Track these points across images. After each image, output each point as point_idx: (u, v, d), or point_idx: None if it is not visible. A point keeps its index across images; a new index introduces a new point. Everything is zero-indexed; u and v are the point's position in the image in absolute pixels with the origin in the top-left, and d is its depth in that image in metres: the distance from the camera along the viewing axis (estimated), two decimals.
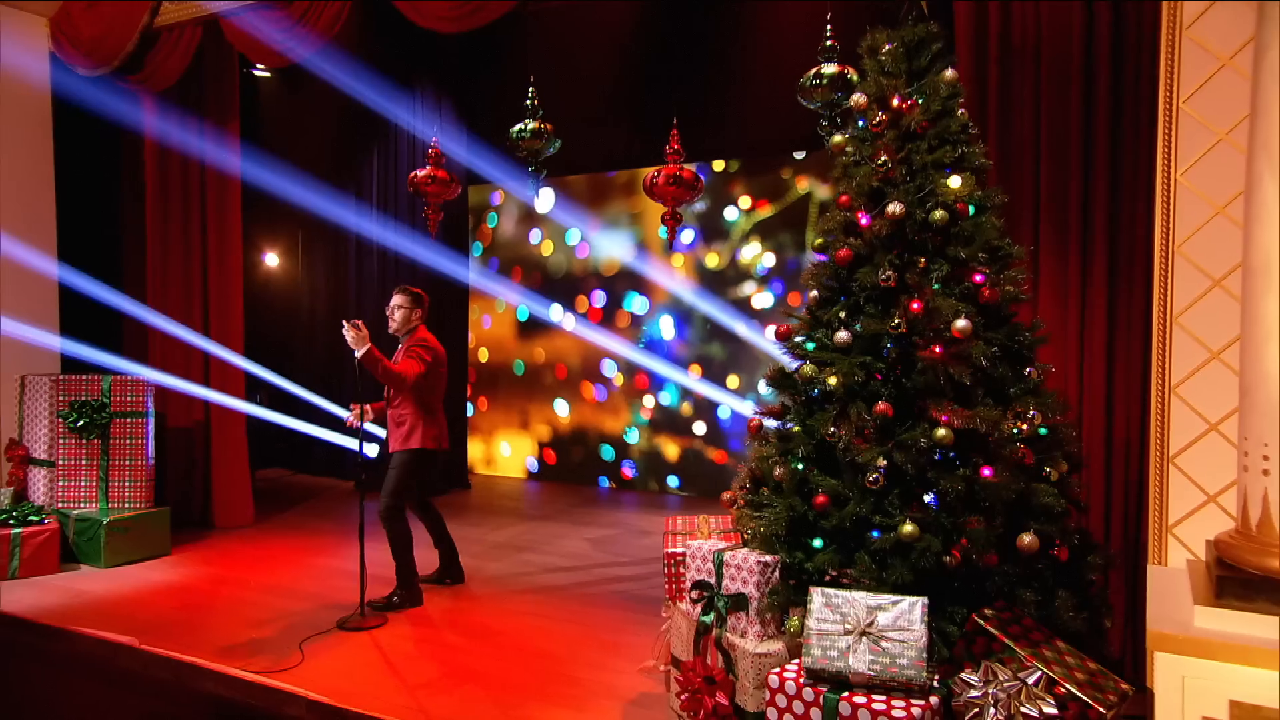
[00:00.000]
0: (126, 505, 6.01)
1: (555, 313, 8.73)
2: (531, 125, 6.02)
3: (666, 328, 8.12)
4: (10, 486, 6.03)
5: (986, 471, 3.05)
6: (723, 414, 7.85)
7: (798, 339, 3.47)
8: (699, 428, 8.02)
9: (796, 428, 3.36)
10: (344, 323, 4.69)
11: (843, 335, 3.28)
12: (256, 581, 5.48)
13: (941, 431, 3.02)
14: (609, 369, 8.46)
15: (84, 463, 5.98)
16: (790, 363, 3.48)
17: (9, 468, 6.10)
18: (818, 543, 3.20)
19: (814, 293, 3.51)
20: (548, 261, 8.79)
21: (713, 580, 3.32)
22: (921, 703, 2.67)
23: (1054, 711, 2.52)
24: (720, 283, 7.85)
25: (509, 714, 3.61)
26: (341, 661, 4.14)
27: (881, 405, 3.10)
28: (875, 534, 3.04)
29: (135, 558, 5.87)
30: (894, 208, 3.21)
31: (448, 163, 6.90)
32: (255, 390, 8.12)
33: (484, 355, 9.22)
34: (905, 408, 3.15)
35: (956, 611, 2.91)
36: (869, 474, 3.06)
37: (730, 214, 7.78)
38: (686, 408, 8.10)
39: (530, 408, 8.95)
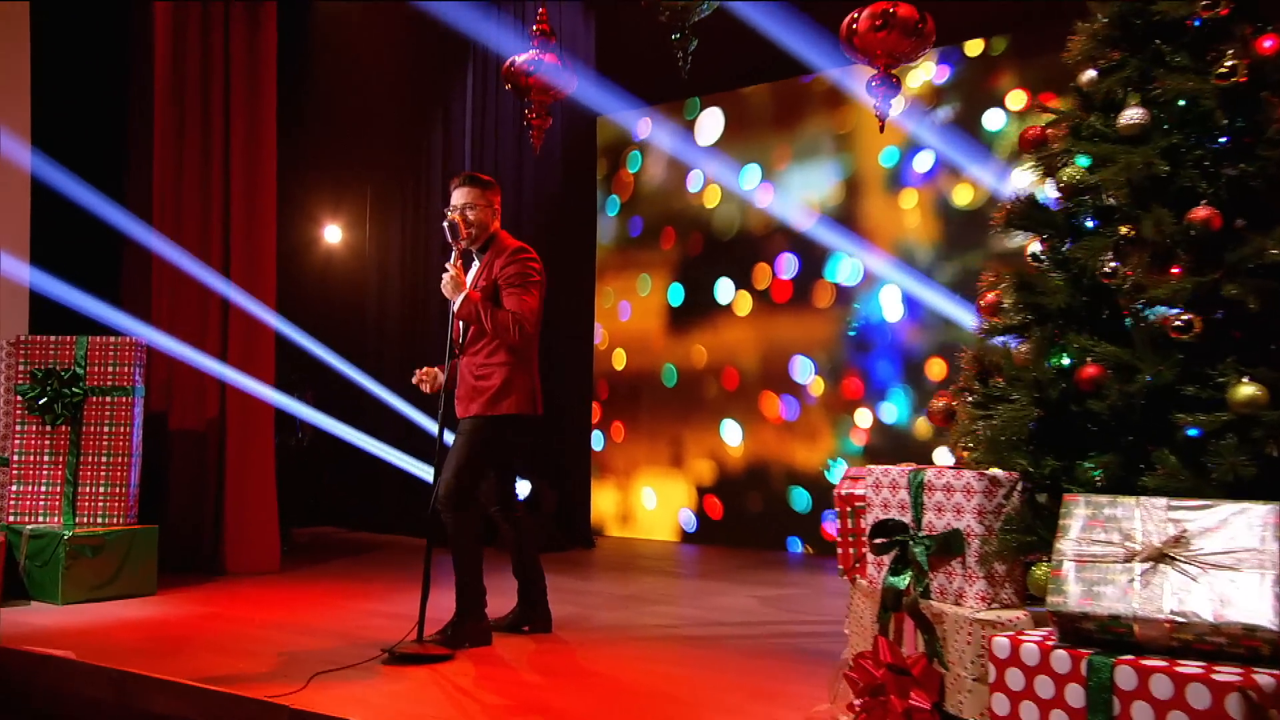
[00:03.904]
0: (100, 519, 6.16)
1: (724, 291, 8.55)
2: None
3: (891, 304, 7.75)
4: None
5: None
6: None
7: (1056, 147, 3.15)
8: (944, 456, 7.52)
9: (1053, 280, 2.99)
10: (447, 222, 4.86)
11: (1131, 114, 2.95)
12: (262, 618, 5.53)
13: None
14: (802, 372, 8.16)
15: (46, 459, 6.20)
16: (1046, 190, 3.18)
17: None
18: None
19: (1089, 73, 3.19)
20: (713, 216, 8.69)
21: (907, 518, 2.99)
22: (1277, 671, 2.19)
23: None
24: (976, 229, 7.43)
25: None
26: (363, 690, 4.09)
27: (1201, 210, 2.72)
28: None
29: (105, 594, 5.95)
30: None
31: (560, 45, 6.95)
32: (300, 385, 8.32)
33: (620, 360, 9.14)
34: (1244, 216, 2.74)
35: None
36: (1174, 318, 2.65)
37: (993, 120, 7.43)
38: (923, 426, 7.63)
39: (686, 435, 8.78)
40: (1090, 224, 3.01)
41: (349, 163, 9.77)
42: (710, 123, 8.71)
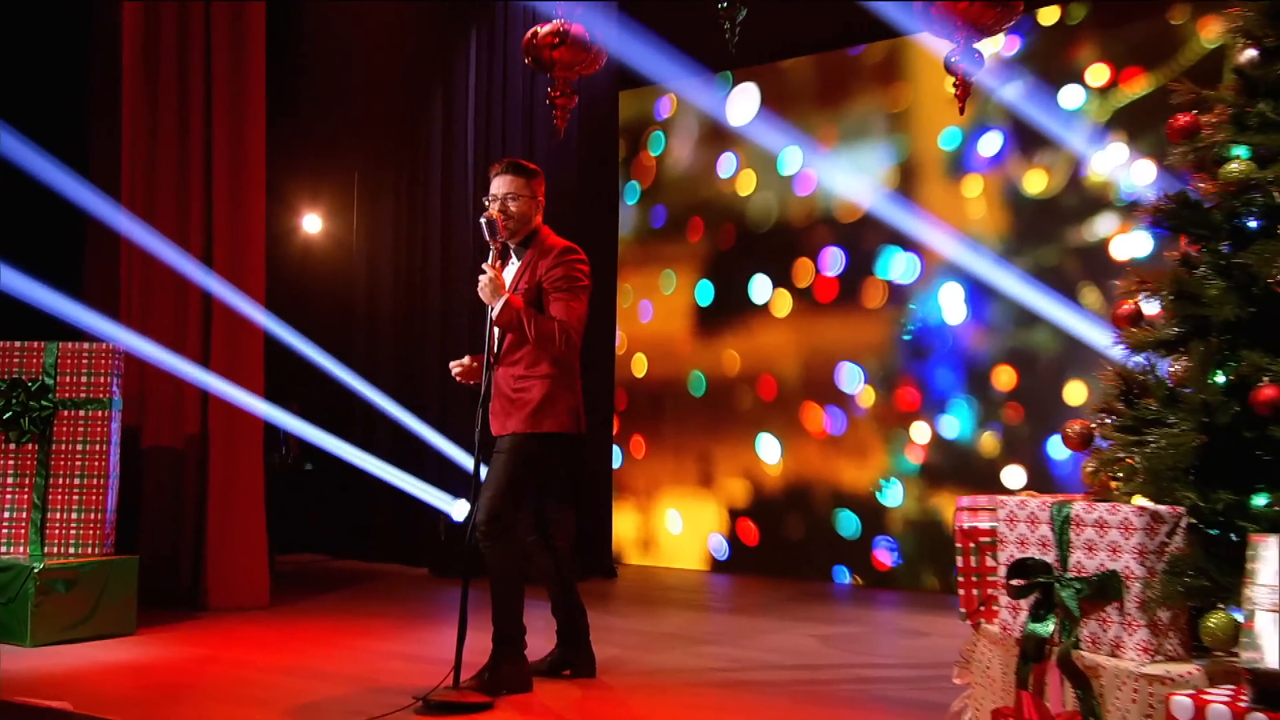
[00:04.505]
0: (72, 549, 6.09)
1: (759, 289, 8.53)
2: None
3: (951, 304, 7.74)
4: None
5: None
6: (1056, 451, 7.33)
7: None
8: (1013, 476, 7.50)
9: (1212, 288, 2.96)
10: (484, 219, 4.81)
11: None
12: (262, 661, 5.49)
13: None
14: (850, 380, 8.15)
15: (10, 480, 6.13)
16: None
17: None
18: None
19: (1249, 53, 3.16)
20: (747, 204, 8.68)
21: (1051, 556, 2.98)
22: None
23: None
24: (1051, 219, 7.47)
25: None
26: None
27: None
28: None
29: (80, 634, 5.89)
30: None
31: (584, 14, 6.91)
32: (285, 394, 8.25)
33: (640, 366, 9.13)
34: None
35: None
36: None
37: (1070, 98, 7.43)
38: (989, 442, 7.61)
39: (716, 452, 8.77)
40: (1254, 225, 2.98)
41: (333, 143, 9.69)
42: (744, 99, 8.68)
